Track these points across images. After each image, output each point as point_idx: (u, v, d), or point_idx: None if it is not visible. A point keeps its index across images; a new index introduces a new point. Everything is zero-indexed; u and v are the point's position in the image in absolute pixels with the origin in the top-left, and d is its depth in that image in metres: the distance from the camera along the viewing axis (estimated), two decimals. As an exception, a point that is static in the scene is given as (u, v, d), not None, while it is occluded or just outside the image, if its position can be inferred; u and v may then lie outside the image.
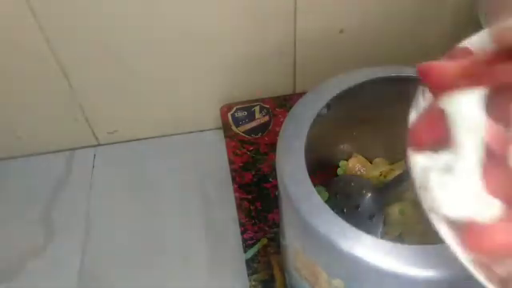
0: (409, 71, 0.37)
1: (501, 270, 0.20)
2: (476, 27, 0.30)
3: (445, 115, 0.22)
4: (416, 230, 0.41)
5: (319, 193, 0.31)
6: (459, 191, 0.21)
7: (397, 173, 0.43)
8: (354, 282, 0.31)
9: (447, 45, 0.30)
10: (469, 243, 0.21)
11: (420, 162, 0.23)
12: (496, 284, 0.20)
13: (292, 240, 0.35)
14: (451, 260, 0.21)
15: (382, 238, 0.36)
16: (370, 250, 0.28)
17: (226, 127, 0.58)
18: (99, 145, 0.64)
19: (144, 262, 0.52)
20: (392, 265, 0.27)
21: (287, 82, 0.61)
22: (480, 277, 0.20)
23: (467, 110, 0.21)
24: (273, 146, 0.37)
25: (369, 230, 0.36)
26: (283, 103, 0.59)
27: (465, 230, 0.21)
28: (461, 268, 0.21)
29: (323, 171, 0.44)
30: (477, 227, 0.21)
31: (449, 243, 0.21)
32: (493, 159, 0.21)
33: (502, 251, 0.20)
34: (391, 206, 0.42)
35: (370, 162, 0.46)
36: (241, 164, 0.54)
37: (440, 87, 0.23)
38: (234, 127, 0.57)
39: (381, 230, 0.40)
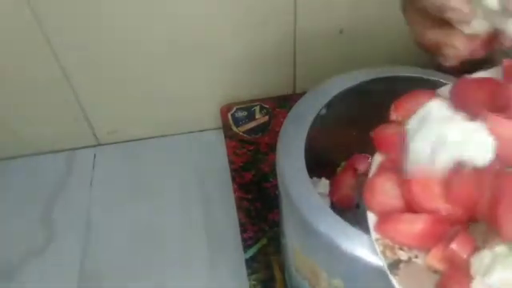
0: (408, 71, 0.37)
1: (402, 253, 0.26)
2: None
3: None
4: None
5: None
6: None
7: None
8: (353, 281, 0.31)
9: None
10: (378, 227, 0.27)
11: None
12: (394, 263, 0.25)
13: (292, 240, 0.35)
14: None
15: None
16: (369, 250, 0.28)
17: (226, 127, 0.58)
18: (99, 145, 0.64)
19: (144, 262, 0.52)
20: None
21: (287, 82, 0.61)
22: (380, 255, 0.26)
23: None
24: (273, 146, 0.37)
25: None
26: (283, 103, 0.59)
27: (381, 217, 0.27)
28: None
29: (323, 171, 0.44)
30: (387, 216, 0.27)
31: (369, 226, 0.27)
32: None
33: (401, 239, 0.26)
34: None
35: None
36: (241, 164, 0.54)
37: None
38: (234, 127, 0.57)
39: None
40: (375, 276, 0.29)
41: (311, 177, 0.33)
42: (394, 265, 0.25)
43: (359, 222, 0.30)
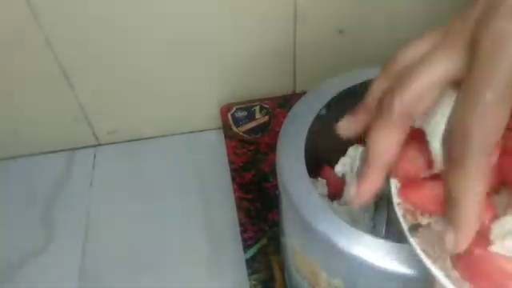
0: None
1: (423, 219, 0.26)
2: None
3: None
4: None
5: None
6: None
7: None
8: (353, 281, 0.31)
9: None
10: (401, 192, 0.27)
11: None
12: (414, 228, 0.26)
13: (292, 239, 0.35)
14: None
15: (385, 234, 0.36)
16: (369, 249, 0.28)
17: (225, 127, 0.58)
18: (99, 145, 0.64)
19: (144, 262, 0.52)
20: (392, 264, 0.27)
21: (287, 82, 0.61)
22: (401, 218, 0.26)
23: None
24: (273, 146, 0.37)
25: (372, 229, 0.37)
26: (283, 103, 0.59)
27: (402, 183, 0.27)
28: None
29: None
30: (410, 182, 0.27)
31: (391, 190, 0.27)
32: None
33: (424, 204, 0.26)
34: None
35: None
36: (241, 164, 0.54)
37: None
38: (234, 127, 0.57)
39: (384, 227, 0.40)
40: (375, 276, 0.29)
41: (311, 177, 0.33)
42: (414, 228, 0.26)
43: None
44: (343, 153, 0.45)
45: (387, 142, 0.25)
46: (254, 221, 0.49)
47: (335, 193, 0.40)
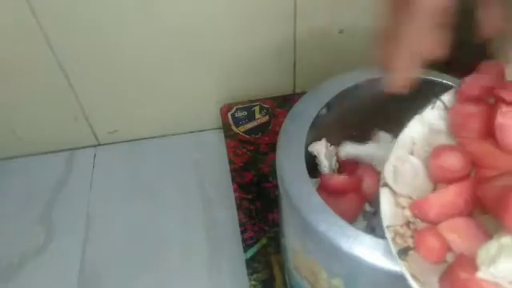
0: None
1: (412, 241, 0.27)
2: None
3: None
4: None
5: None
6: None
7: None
8: (353, 281, 0.31)
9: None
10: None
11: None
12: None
13: (292, 239, 0.35)
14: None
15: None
16: (369, 249, 0.28)
17: (226, 127, 0.58)
18: (99, 145, 0.64)
19: (144, 261, 0.52)
20: (391, 264, 0.27)
21: (287, 82, 0.61)
22: (391, 242, 0.27)
23: None
24: (273, 146, 0.37)
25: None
26: (283, 103, 0.59)
27: None
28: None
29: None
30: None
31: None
32: None
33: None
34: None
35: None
36: (241, 164, 0.54)
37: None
38: (233, 127, 0.57)
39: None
40: (375, 276, 0.29)
41: (311, 177, 0.33)
42: (403, 251, 0.26)
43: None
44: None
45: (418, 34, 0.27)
46: (254, 221, 0.49)
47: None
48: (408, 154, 0.30)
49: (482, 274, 0.23)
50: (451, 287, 0.24)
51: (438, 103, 0.31)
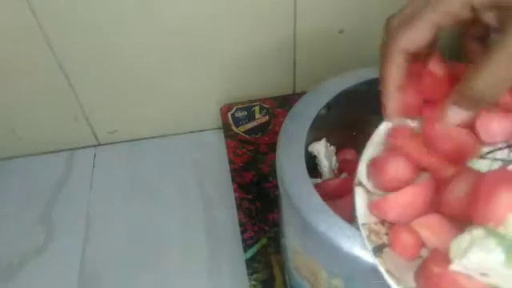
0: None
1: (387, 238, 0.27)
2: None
3: None
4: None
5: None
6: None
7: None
8: (353, 281, 0.31)
9: (446, 44, 0.30)
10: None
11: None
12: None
13: (292, 239, 0.35)
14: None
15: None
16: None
17: (226, 127, 0.58)
18: (99, 145, 0.64)
19: (144, 261, 0.52)
20: (392, 264, 0.27)
21: (287, 82, 0.61)
22: (366, 240, 0.27)
23: None
24: (273, 146, 0.37)
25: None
26: (283, 103, 0.59)
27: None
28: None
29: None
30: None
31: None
32: None
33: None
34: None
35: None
36: (241, 164, 0.54)
37: None
38: (234, 127, 0.57)
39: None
40: (375, 276, 0.29)
41: (311, 177, 0.33)
42: (379, 248, 0.27)
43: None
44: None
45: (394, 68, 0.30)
46: (254, 221, 0.49)
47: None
48: (379, 154, 0.31)
49: (454, 267, 0.23)
50: (426, 282, 0.25)
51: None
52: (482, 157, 0.29)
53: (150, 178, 0.59)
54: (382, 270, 0.26)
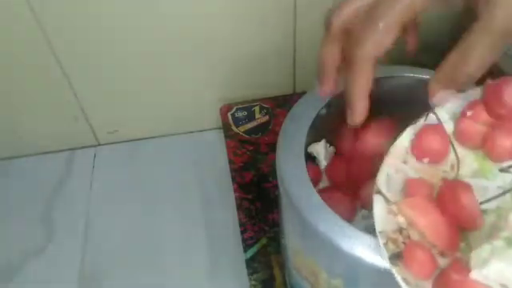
0: (407, 71, 0.37)
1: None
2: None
3: None
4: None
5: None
6: None
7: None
8: (353, 281, 0.31)
9: (447, 44, 0.30)
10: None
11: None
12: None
13: (292, 240, 0.35)
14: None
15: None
16: (369, 249, 0.28)
17: (226, 127, 0.58)
18: (99, 145, 0.64)
19: (144, 262, 0.52)
20: (392, 264, 0.27)
21: (287, 82, 0.61)
22: (383, 247, 0.27)
23: None
24: (273, 146, 0.37)
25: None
26: (283, 103, 0.59)
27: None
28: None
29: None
30: None
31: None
32: None
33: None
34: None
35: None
36: (241, 164, 0.54)
37: None
38: (234, 127, 0.57)
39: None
40: (375, 276, 0.29)
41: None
42: (396, 256, 0.27)
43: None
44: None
45: (363, 77, 0.30)
46: (254, 221, 0.49)
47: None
48: (401, 163, 0.30)
49: (474, 275, 0.24)
50: None
51: (431, 116, 0.31)
52: (503, 170, 0.29)
53: (150, 178, 0.59)
54: (398, 278, 0.26)
